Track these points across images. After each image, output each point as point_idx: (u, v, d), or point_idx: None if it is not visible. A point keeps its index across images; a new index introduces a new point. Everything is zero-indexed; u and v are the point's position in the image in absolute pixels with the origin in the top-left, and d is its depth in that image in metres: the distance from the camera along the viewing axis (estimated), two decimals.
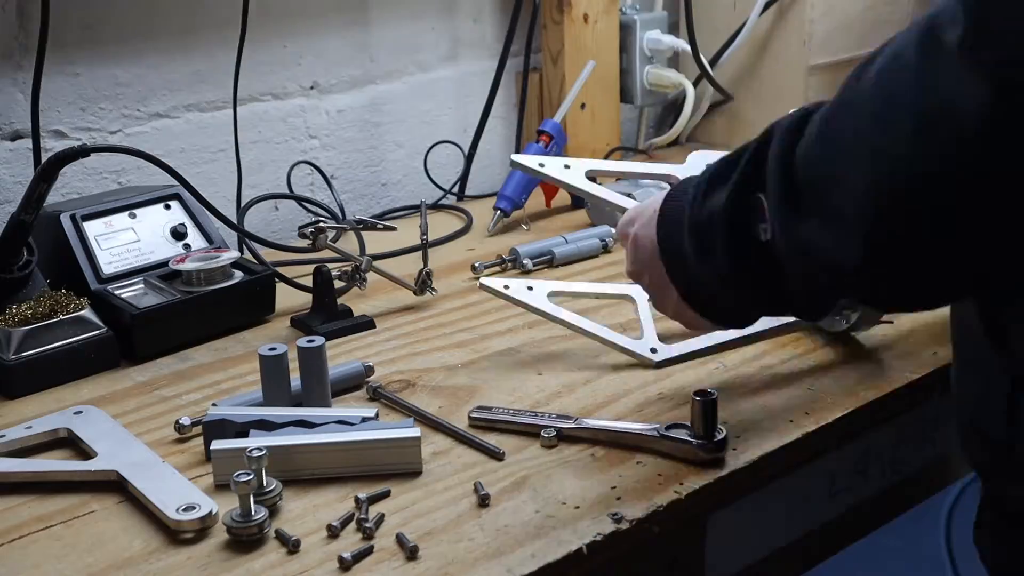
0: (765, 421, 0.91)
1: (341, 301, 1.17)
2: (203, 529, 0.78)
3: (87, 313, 1.07)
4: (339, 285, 1.18)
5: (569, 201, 1.54)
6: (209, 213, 1.20)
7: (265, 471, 0.79)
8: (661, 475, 0.83)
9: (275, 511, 0.80)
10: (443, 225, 1.48)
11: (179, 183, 1.17)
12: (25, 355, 1.02)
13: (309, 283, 1.17)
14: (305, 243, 1.15)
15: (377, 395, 0.98)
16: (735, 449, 0.87)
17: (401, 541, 0.75)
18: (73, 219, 1.14)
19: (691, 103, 1.74)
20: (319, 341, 0.95)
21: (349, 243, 1.34)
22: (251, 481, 0.76)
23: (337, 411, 0.92)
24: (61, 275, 1.12)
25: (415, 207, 1.54)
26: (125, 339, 1.08)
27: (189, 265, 1.13)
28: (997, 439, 0.75)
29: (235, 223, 1.25)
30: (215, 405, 0.93)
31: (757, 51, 1.74)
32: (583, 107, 1.69)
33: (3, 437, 0.91)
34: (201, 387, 1.03)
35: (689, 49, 1.72)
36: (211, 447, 0.85)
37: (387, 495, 0.82)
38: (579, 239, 1.35)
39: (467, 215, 1.52)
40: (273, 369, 0.93)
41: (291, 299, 1.20)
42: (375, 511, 0.79)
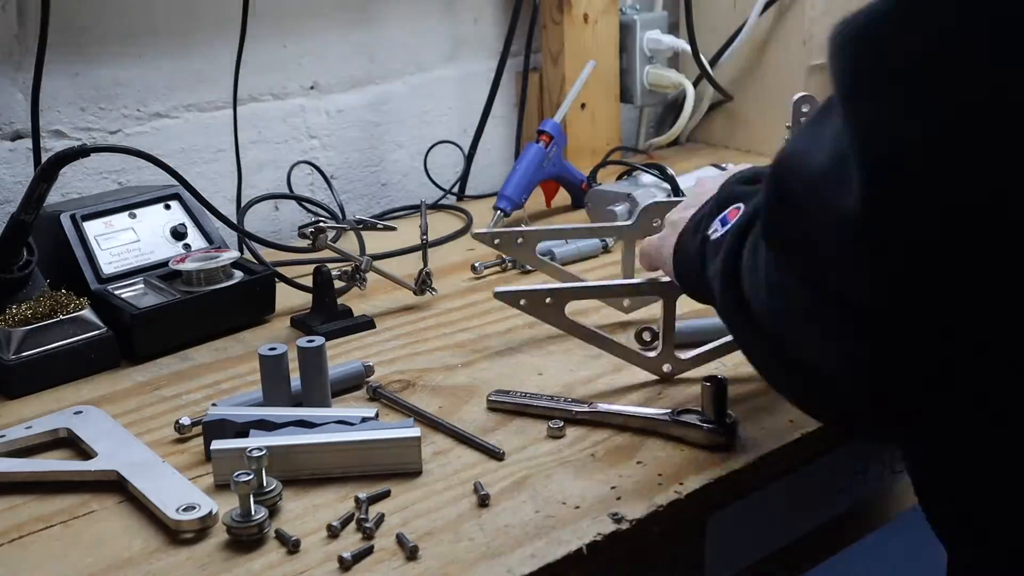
0: (765, 421, 0.91)
1: (341, 301, 1.17)
2: (203, 529, 0.78)
3: (87, 313, 1.07)
4: (339, 285, 1.18)
5: (569, 201, 1.54)
6: (209, 213, 1.20)
7: (265, 471, 0.79)
8: (661, 475, 0.83)
9: (275, 511, 0.80)
10: (443, 225, 1.48)
11: (179, 183, 1.17)
12: (25, 355, 1.02)
13: (309, 283, 1.17)
14: (305, 243, 1.15)
15: (377, 395, 0.98)
16: (735, 449, 0.87)
17: (401, 541, 0.75)
18: (73, 219, 1.14)
19: (691, 103, 1.74)
20: (319, 341, 0.95)
21: (349, 243, 1.34)
22: (251, 481, 0.76)
23: (337, 411, 0.92)
24: (61, 275, 1.12)
25: (415, 207, 1.54)
26: (125, 339, 1.08)
27: (189, 265, 1.13)
28: None
29: (235, 223, 1.25)
30: (215, 405, 0.93)
31: (757, 51, 1.74)
32: (583, 107, 1.69)
33: (3, 437, 0.91)
34: (201, 387, 1.03)
35: (689, 49, 1.72)
36: (211, 447, 0.85)
37: (387, 495, 0.82)
38: (579, 239, 1.35)
39: (467, 215, 1.52)
40: (273, 369, 0.93)
41: (291, 299, 1.20)
42: (375, 511, 0.79)
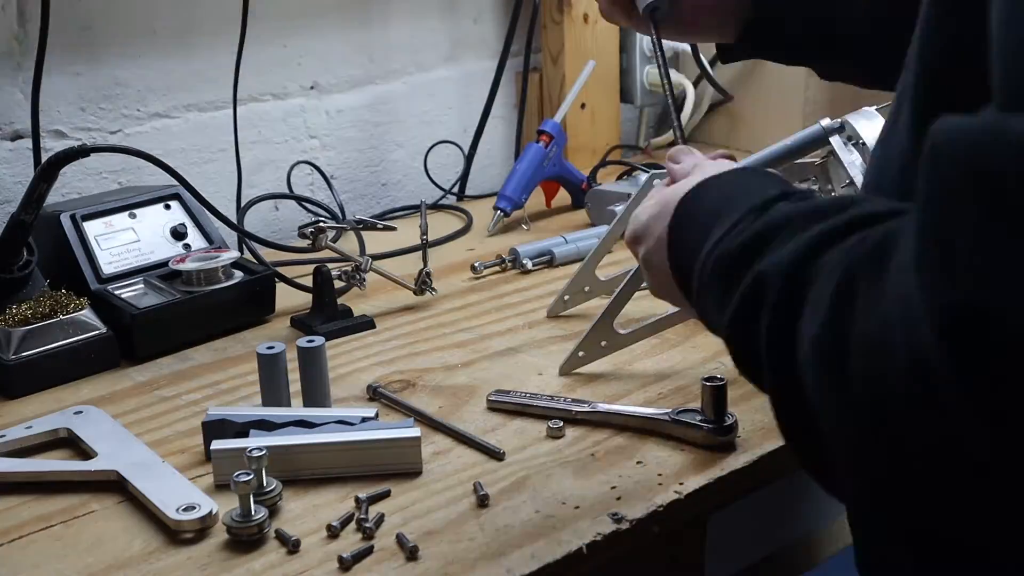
0: (765, 421, 0.91)
1: (341, 301, 1.17)
2: (203, 529, 0.78)
3: (87, 313, 1.07)
4: (339, 285, 1.18)
5: (569, 201, 1.54)
6: (209, 213, 1.20)
7: (265, 471, 0.79)
8: (661, 475, 0.83)
9: (275, 511, 0.80)
10: (443, 225, 1.48)
11: (179, 183, 1.17)
12: (25, 355, 1.02)
13: (309, 283, 1.17)
14: (305, 243, 1.15)
15: (377, 395, 0.98)
16: (735, 449, 0.87)
17: (401, 541, 0.75)
18: (73, 219, 1.14)
19: (691, 103, 1.74)
20: (319, 341, 0.95)
21: (349, 243, 1.34)
22: (251, 481, 0.76)
23: (337, 411, 0.92)
24: (61, 275, 1.12)
25: (415, 207, 1.54)
26: (125, 339, 1.08)
27: (189, 265, 1.13)
28: None
29: (235, 223, 1.25)
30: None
31: None
32: (583, 107, 1.69)
33: (3, 437, 0.91)
34: (201, 387, 1.03)
35: (689, 49, 1.72)
36: (211, 447, 0.85)
37: (387, 495, 0.82)
38: (579, 239, 1.35)
39: (467, 215, 1.52)
40: (271, 368, 0.93)
41: (291, 299, 1.20)
42: (375, 511, 0.79)
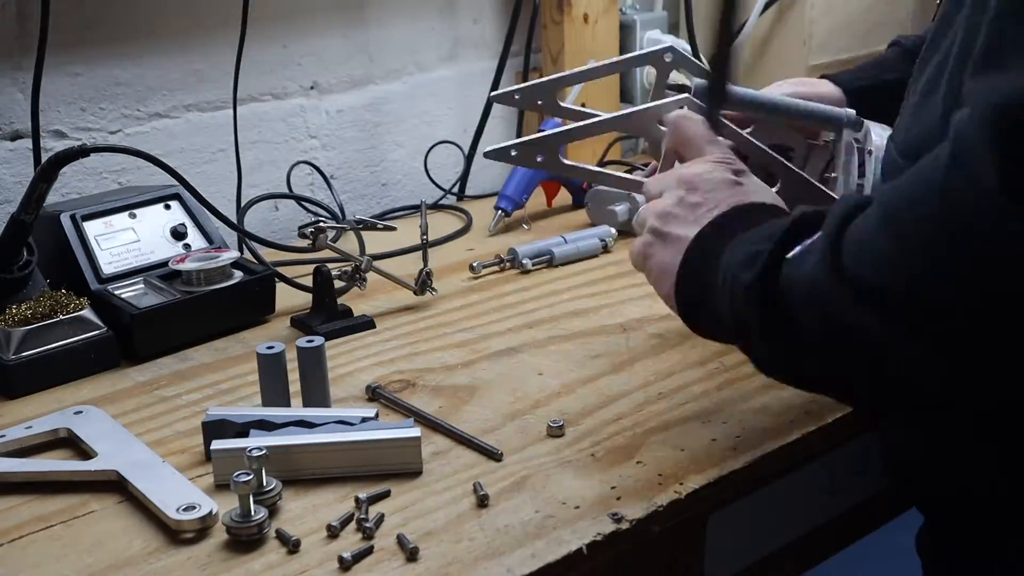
0: (765, 421, 0.91)
1: (341, 301, 1.17)
2: (203, 529, 0.78)
3: (87, 313, 1.07)
4: (339, 285, 1.18)
5: (570, 201, 1.54)
6: (209, 213, 1.20)
7: (265, 471, 0.79)
8: (661, 475, 0.83)
9: (275, 511, 0.80)
10: (443, 225, 1.48)
11: (179, 183, 1.17)
12: (25, 355, 1.02)
13: (309, 283, 1.17)
14: (305, 243, 1.15)
15: (377, 395, 0.98)
16: (735, 449, 0.87)
17: (401, 541, 0.75)
18: (73, 219, 1.14)
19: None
20: (319, 341, 0.95)
21: (349, 243, 1.34)
22: (251, 481, 0.76)
23: (337, 411, 0.92)
24: (61, 275, 1.12)
25: (415, 207, 1.54)
26: (125, 339, 1.08)
27: (189, 265, 1.13)
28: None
29: (235, 223, 1.25)
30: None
31: (757, 51, 1.74)
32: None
33: (3, 437, 0.91)
34: (201, 387, 1.03)
35: (689, 49, 1.71)
36: (211, 447, 0.85)
37: (387, 495, 0.82)
38: (579, 239, 1.35)
39: (467, 215, 1.52)
40: (271, 368, 0.93)
41: (291, 299, 1.20)
42: (375, 511, 0.79)
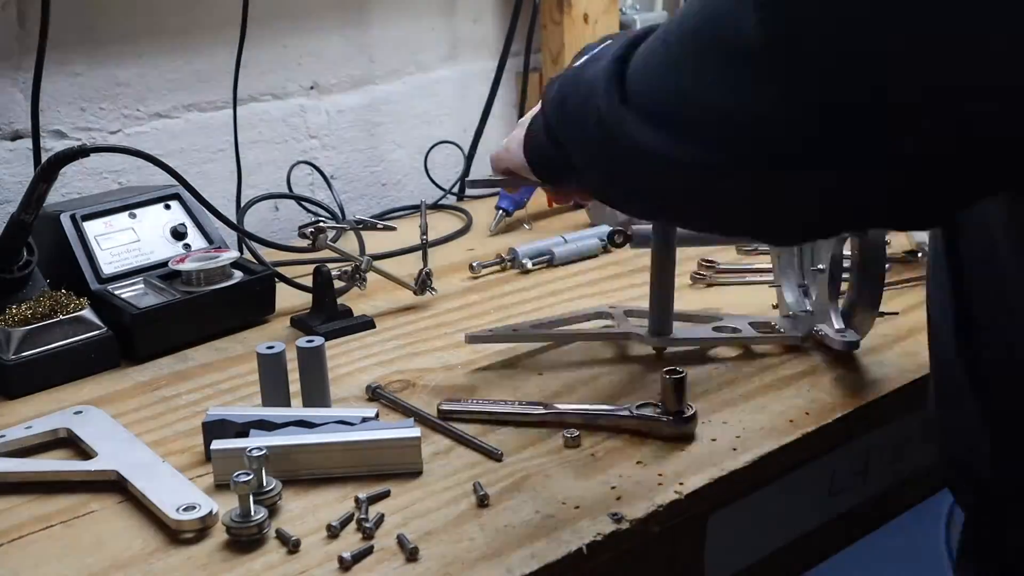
0: (765, 421, 0.91)
1: (341, 301, 1.17)
2: (203, 529, 0.78)
3: (87, 313, 1.07)
4: (339, 285, 1.18)
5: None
6: (209, 213, 1.20)
7: (265, 471, 0.79)
8: (661, 475, 0.83)
9: (275, 511, 0.80)
10: (443, 225, 1.48)
11: (179, 183, 1.17)
12: (25, 355, 1.02)
13: (309, 283, 1.17)
14: (305, 243, 1.15)
15: (377, 395, 0.98)
16: (735, 449, 0.87)
17: (401, 541, 0.75)
18: (73, 219, 1.14)
19: None
20: (319, 341, 0.95)
21: (349, 243, 1.34)
22: (251, 481, 0.76)
23: (337, 411, 0.92)
24: (61, 275, 1.12)
25: (415, 207, 1.54)
26: (125, 339, 1.08)
27: (189, 265, 1.13)
28: (983, 479, 0.74)
29: (235, 223, 1.25)
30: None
31: None
32: None
33: (3, 437, 0.91)
34: (201, 387, 1.03)
35: None
36: (211, 447, 0.85)
37: (387, 495, 0.82)
38: (578, 239, 1.35)
39: (467, 215, 1.52)
40: (271, 368, 0.93)
41: (291, 299, 1.20)
42: (375, 511, 0.79)
